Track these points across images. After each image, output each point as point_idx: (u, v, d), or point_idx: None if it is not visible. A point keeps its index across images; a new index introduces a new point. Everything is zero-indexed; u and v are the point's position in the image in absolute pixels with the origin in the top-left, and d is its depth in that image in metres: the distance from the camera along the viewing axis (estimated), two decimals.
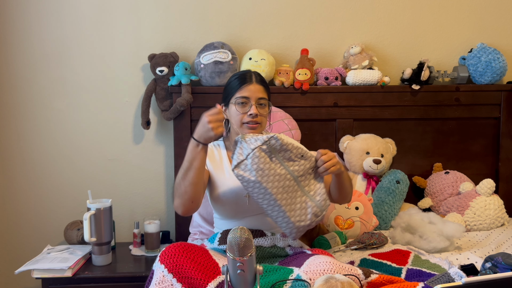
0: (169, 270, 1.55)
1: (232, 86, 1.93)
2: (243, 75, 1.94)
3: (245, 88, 1.89)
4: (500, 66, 2.60)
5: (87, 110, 2.60)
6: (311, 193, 1.76)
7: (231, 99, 1.91)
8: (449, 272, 1.66)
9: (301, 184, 1.75)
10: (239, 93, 1.90)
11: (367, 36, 2.70)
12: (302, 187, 1.75)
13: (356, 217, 2.29)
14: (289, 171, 1.72)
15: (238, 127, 1.92)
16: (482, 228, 2.36)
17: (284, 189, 1.71)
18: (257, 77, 1.94)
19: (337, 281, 1.42)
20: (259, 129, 1.93)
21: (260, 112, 1.90)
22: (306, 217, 1.73)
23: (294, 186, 1.73)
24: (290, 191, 1.72)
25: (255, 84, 1.91)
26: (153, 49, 2.58)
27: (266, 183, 1.67)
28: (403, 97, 2.62)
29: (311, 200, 1.75)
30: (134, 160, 2.64)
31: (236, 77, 1.94)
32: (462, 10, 2.73)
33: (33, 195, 2.62)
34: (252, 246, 1.39)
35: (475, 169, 2.68)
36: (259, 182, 1.67)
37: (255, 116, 1.88)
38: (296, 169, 1.74)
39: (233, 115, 1.91)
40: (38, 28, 2.55)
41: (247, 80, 1.91)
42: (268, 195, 1.68)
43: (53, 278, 2.11)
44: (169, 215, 2.68)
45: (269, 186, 1.68)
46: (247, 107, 1.89)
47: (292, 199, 1.73)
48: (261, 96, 1.91)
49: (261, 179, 1.67)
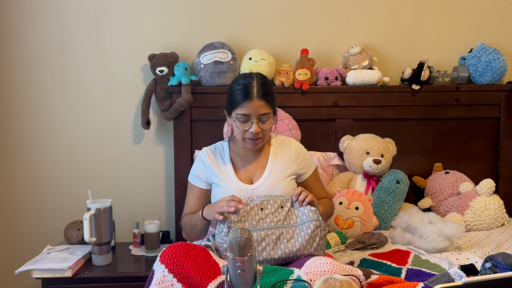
0: (170, 270, 1.55)
1: (234, 99, 1.87)
2: (246, 88, 1.85)
3: (246, 105, 1.84)
4: (500, 66, 2.60)
5: (87, 110, 2.60)
6: (297, 220, 1.81)
7: (232, 113, 1.89)
8: (449, 272, 1.66)
9: (285, 224, 1.81)
10: (240, 109, 1.85)
11: (367, 36, 2.70)
12: (287, 225, 1.81)
13: (356, 217, 2.29)
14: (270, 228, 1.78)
15: (240, 141, 1.93)
16: (482, 228, 2.36)
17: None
18: (259, 90, 1.85)
19: (335, 280, 1.43)
20: (261, 143, 1.94)
21: (262, 127, 1.88)
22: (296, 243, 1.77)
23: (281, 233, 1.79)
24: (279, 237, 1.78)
25: (255, 101, 1.84)
26: (153, 49, 2.58)
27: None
28: (403, 97, 2.62)
29: (300, 225, 1.80)
30: (134, 160, 2.64)
31: (239, 89, 1.86)
32: (462, 10, 2.73)
33: (33, 195, 2.62)
34: (252, 246, 1.39)
35: (475, 169, 2.68)
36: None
37: (256, 134, 1.88)
38: (275, 221, 1.80)
39: (235, 128, 1.92)
40: (38, 28, 2.55)
41: (249, 96, 1.84)
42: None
43: (53, 278, 2.11)
44: (169, 215, 2.68)
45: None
46: (247, 124, 1.87)
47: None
48: (263, 112, 1.86)
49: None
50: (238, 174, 1.97)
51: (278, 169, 1.97)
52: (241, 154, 2.01)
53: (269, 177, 1.95)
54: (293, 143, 2.06)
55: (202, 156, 2.03)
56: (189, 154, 2.51)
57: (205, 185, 2.02)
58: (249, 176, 1.97)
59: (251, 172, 1.98)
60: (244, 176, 1.97)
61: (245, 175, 1.97)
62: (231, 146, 2.04)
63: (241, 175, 1.97)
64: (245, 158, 2.00)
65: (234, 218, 1.75)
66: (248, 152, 2.00)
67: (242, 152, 2.01)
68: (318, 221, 1.77)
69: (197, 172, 2.02)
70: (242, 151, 2.01)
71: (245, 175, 1.97)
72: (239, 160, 2.00)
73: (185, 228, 2.02)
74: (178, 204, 2.53)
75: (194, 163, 2.06)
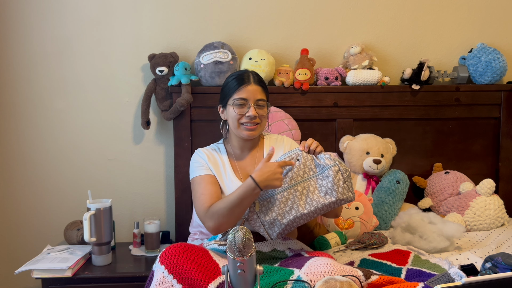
0: (170, 271, 1.55)
1: (230, 87, 1.92)
2: (241, 76, 1.92)
3: (243, 89, 1.89)
4: (500, 66, 2.60)
5: (87, 110, 2.60)
6: (316, 170, 1.80)
7: (229, 100, 1.91)
8: (449, 272, 1.66)
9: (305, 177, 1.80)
10: (237, 94, 1.89)
11: (367, 36, 2.70)
12: (307, 177, 1.80)
13: (356, 217, 2.29)
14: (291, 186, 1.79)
15: (236, 128, 1.92)
16: (482, 228, 2.36)
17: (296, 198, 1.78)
18: (255, 77, 1.93)
19: (336, 281, 1.44)
20: (259, 130, 1.94)
21: (259, 113, 1.90)
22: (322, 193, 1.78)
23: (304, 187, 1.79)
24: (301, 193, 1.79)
25: (253, 85, 1.90)
26: (153, 49, 2.58)
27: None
28: (403, 97, 2.62)
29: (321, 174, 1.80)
30: (134, 160, 2.64)
31: (234, 78, 1.93)
32: (462, 10, 2.73)
33: (33, 195, 2.61)
34: (252, 246, 1.39)
35: (475, 169, 2.68)
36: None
37: (253, 118, 1.88)
38: (295, 177, 1.80)
39: (231, 117, 1.91)
40: (38, 28, 2.55)
41: (245, 81, 1.90)
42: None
43: (53, 278, 2.11)
44: (169, 215, 2.68)
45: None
46: (245, 108, 1.88)
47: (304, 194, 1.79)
48: (260, 97, 1.91)
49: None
50: (236, 173, 1.98)
51: None
52: (237, 154, 2.02)
53: None
54: (285, 139, 2.09)
55: (200, 154, 2.02)
56: (189, 154, 2.51)
57: (212, 173, 1.96)
58: (247, 175, 1.97)
59: (248, 170, 1.99)
60: (242, 174, 1.98)
61: (243, 173, 1.98)
62: (227, 147, 2.05)
63: (239, 174, 1.97)
64: (241, 157, 2.01)
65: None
66: (244, 151, 2.01)
67: (238, 152, 2.02)
68: (336, 166, 1.78)
69: (200, 163, 1.98)
70: (238, 150, 2.01)
71: (243, 174, 1.98)
72: (236, 160, 2.01)
73: (218, 215, 1.78)
74: (178, 204, 2.53)
75: (192, 163, 2.02)
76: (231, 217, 1.77)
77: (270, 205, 1.77)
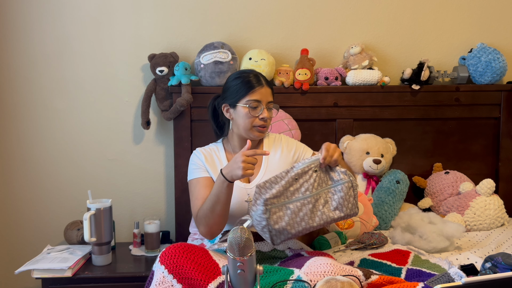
0: (169, 271, 1.55)
1: (241, 87, 1.90)
2: (254, 77, 1.91)
3: (257, 91, 1.88)
4: (500, 66, 2.60)
5: (87, 110, 2.60)
6: (329, 182, 1.78)
7: (240, 101, 1.90)
8: (449, 272, 1.66)
9: (319, 190, 1.77)
10: (251, 96, 1.88)
11: (367, 36, 2.70)
12: (320, 190, 1.77)
13: (356, 217, 2.29)
14: (303, 198, 1.75)
15: (247, 130, 1.92)
16: (482, 228, 2.36)
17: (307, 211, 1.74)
18: (265, 80, 1.93)
19: (337, 281, 1.43)
20: (266, 131, 1.96)
21: (270, 115, 1.91)
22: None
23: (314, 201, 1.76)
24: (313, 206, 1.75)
25: (266, 87, 1.91)
26: (153, 49, 2.58)
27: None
28: (403, 97, 2.62)
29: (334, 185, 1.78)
30: (134, 160, 2.64)
31: (243, 78, 1.90)
32: (462, 10, 2.73)
33: (33, 195, 2.62)
34: (252, 246, 1.39)
35: (475, 169, 2.68)
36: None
37: (266, 120, 1.89)
38: (310, 188, 1.76)
39: (241, 118, 1.91)
40: (38, 28, 2.55)
41: (258, 83, 1.89)
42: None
43: (53, 278, 2.11)
44: (169, 215, 2.68)
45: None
46: (258, 110, 1.89)
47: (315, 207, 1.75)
48: (271, 99, 1.93)
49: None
50: None
51: (274, 165, 1.98)
52: (236, 153, 2.01)
53: (265, 174, 1.95)
54: (283, 138, 2.09)
55: (197, 155, 2.02)
56: (189, 154, 2.49)
57: (209, 175, 1.96)
58: None
59: None
60: None
61: None
62: (226, 146, 2.04)
63: None
64: None
65: (269, 195, 1.69)
66: None
67: (238, 151, 2.01)
68: (349, 182, 1.77)
69: (197, 165, 1.98)
70: (238, 149, 2.01)
71: None
72: None
73: (205, 217, 1.80)
74: (178, 204, 2.53)
75: (189, 165, 2.02)
76: (215, 217, 1.79)
77: (282, 213, 1.74)
